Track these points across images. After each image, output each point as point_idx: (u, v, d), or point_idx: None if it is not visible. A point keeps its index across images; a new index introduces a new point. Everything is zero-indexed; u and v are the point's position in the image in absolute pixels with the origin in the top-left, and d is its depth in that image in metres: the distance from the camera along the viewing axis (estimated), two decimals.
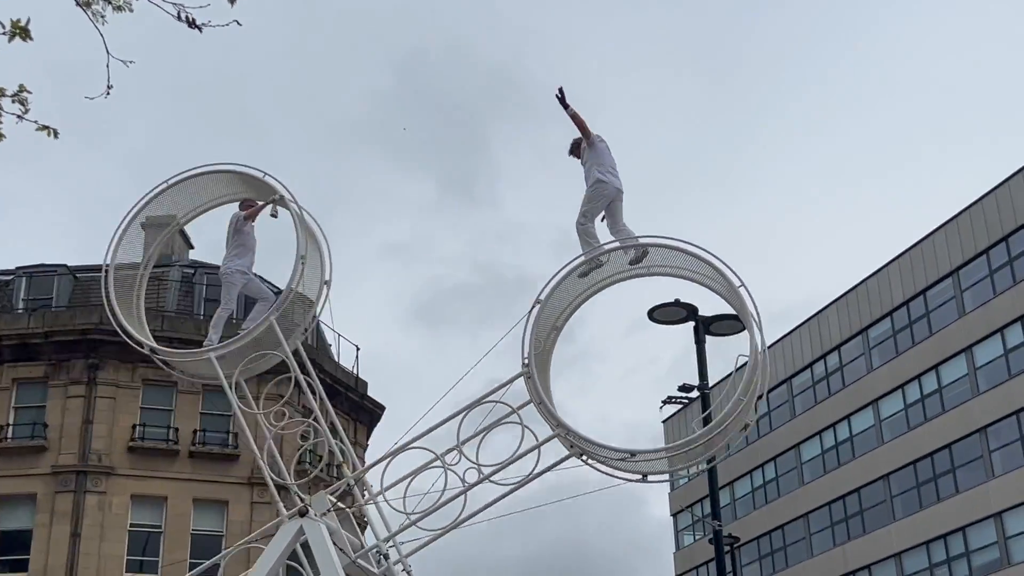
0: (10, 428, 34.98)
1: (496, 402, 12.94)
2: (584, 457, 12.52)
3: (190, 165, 14.66)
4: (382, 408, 39.77)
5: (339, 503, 13.73)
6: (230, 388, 13.93)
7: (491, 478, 12.72)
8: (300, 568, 13.62)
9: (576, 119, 13.60)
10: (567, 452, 12.67)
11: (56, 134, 6.43)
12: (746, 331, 12.98)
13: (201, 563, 32.57)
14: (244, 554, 15.91)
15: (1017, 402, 43.34)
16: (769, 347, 11.83)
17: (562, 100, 13.48)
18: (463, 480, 12.69)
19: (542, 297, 12.90)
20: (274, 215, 14.25)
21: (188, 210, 15.34)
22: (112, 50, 7.22)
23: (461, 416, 12.91)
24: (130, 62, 7.45)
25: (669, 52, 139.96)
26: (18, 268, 38.84)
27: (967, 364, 46.17)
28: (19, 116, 6.35)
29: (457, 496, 12.63)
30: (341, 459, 14.40)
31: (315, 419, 13.88)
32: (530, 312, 12.83)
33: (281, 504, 13.58)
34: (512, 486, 12.76)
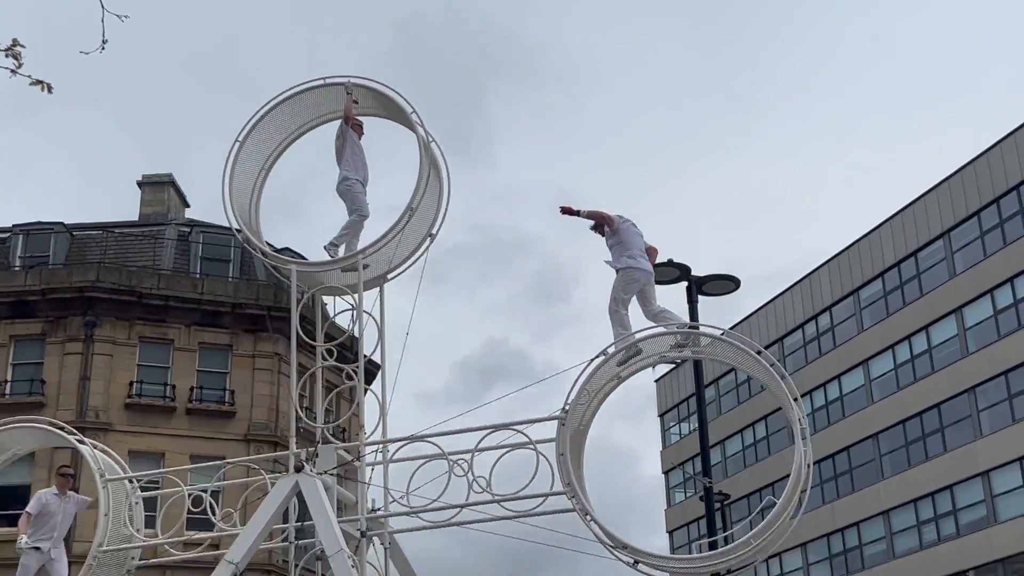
0: (8, 384, 35.01)
1: (518, 431, 12.67)
2: (588, 518, 12.17)
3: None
4: (378, 366, 39.91)
5: (349, 456, 13.64)
6: (297, 306, 13.77)
7: (496, 501, 12.55)
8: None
9: (593, 216, 13.31)
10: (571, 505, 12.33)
11: (50, 88, 6.36)
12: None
13: (198, 517, 32.59)
14: (240, 490, 15.81)
15: (1006, 362, 43.45)
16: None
17: (570, 212, 13.24)
18: (470, 487, 12.48)
19: (610, 351, 12.50)
20: (355, 101, 13.78)
21: (299, 125, 14.56)
22: (107, 4, 7.14)
23: (484, 433, 12.68)
24: (125, 17, 7.36)
25: (669, 10, 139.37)
26: (15, 226, 38.72)
27: (957, 325, 46.25)
28: (12, 71, 6.30)
29: (457, 506, 12.54)
30: (363, 415, 14.21)
31: (355, 369, 13.69)
32: (590, 361, 12.43)
33: (294, 440, 13.48)
34: (514, 515, 12.60)
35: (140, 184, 42.25)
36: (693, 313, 21.62)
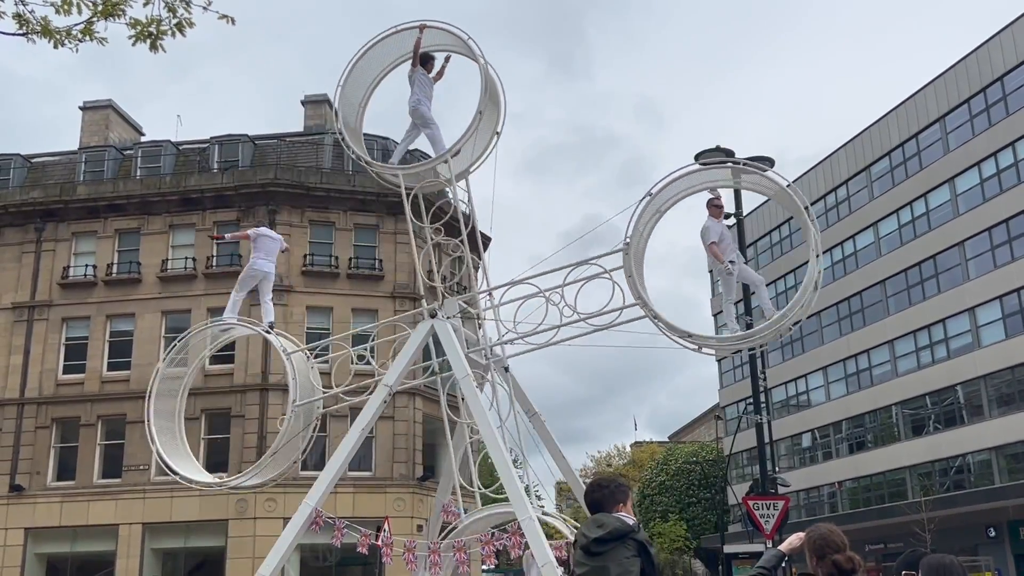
0: (214, 259, 35.99)
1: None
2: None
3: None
4: (489, 239, 40.13)
5: (467, 307, 13.85)
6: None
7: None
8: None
9: (236, 239, 15.63)
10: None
11: (233, 21, 6.33)
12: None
13: (361, 354, 33.40)
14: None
15: (989, 221, 42.50)
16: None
17: (220, 239, 14.54)
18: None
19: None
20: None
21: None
22: None
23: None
24: None
25: None
26: (212, 138, 39.35)
27: (950, 192, 45.14)
28: (204, 7, 6.28)
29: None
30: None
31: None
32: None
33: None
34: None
35: (303, 103, 42.51)
36: (737, 190, 21.15)
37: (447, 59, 13.97)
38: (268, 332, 14.41)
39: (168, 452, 13.87)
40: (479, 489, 13.34)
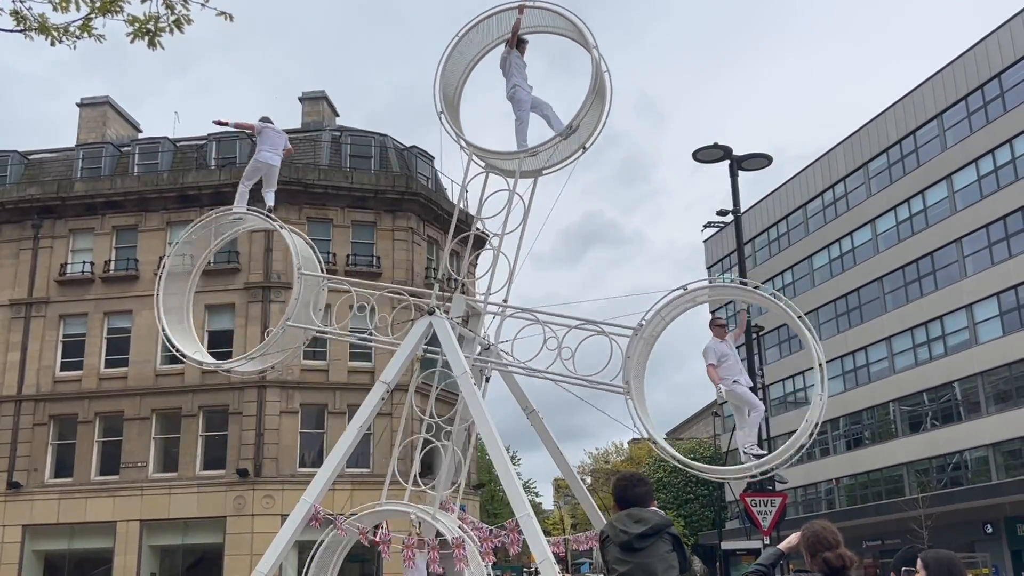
0: (211, 255, 35.90)
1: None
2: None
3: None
4: (486, 236, 40.13)
5: (475, 308, 13.76)
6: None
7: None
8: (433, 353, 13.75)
9: (240, 127, 15.66)
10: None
11: (231, 18, 6.28)
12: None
13: (359, 351, 33.07)
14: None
15: (986, 218, 42.60)
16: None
17: (223, 124, 14.91)
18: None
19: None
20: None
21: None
22: None
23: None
24: None
25: None
26: (209, 135, 39.24)
27: (947, 189, 45.19)
28: (202, 4, 6.24)
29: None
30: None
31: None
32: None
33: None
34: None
35: (301, 99, 42.42)
36: (734, 185, 21.11)
37: (526, 42, 13.33)
38: (283, 227, 14.33)
39: (174, 332, 14.12)
40: (413, 486, 13.40)
